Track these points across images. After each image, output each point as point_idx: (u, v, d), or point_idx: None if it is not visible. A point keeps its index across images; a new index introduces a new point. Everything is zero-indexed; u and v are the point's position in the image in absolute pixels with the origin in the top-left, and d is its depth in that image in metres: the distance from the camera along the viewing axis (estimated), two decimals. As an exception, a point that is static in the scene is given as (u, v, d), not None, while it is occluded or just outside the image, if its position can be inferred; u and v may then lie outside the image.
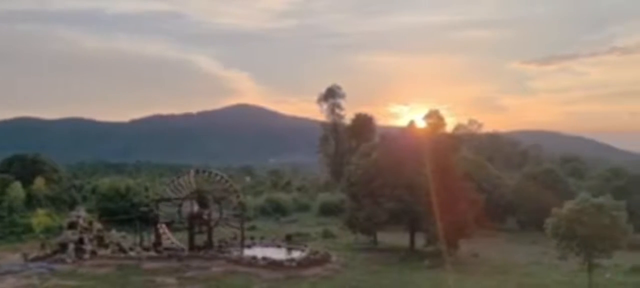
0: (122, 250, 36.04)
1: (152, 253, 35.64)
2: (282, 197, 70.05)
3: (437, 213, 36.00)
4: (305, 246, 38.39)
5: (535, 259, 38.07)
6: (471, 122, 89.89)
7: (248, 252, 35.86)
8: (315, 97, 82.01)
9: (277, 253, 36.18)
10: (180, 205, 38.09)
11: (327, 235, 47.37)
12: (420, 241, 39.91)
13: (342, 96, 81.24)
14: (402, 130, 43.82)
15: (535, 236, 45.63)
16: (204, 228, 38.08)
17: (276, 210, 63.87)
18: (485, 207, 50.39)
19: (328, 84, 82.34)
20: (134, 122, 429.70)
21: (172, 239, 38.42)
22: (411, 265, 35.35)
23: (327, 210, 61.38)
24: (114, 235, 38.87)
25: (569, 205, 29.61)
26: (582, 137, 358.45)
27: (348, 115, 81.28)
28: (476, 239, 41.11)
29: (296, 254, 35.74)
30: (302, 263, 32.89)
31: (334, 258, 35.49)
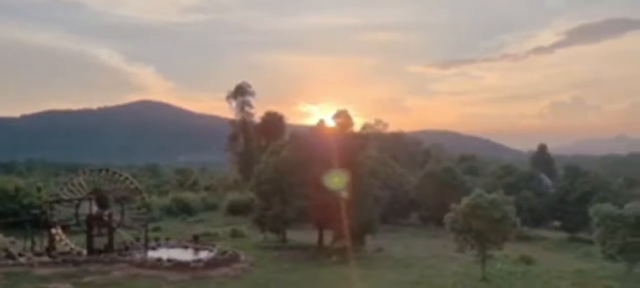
0: (10, 256, 33.07)
1: (45, 258, 33.08)
2: (189, 196, 68.24)
3: (344, 211, 36.85)
4: (213, 246, 37.62)
5: (436, 252, 40.12)
6: (377, 122, 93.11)
7: (152, 254, 34.44)
8: (225, 95, 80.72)
9: (184, 254, 35.09)
10: (77, 207, 35.74)
11: (235, 234, 46.80)
12: (328, 238, 40.66)
13: (252, 94, 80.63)
14: (311, 129, 44.22)
15: (436, 230, 48.19)
16: (104, 230, 36.00)
17: (183, 210, 62.08)
18: (390, 204, 52.59)
19: (238, 81, 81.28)
20: (24, 118, 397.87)
21: (68, 243, 35.94)
22: (319, 261, 35.90)
23: (236, 210, 60.67)
24: (1, 240, 35.60)
25: (465, 201, 31.66)
26: (478, 137, 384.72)
27: (258, 114, 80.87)
28: (381, 234, 42.60)
29: (203, 254, 34.90)
30: (209, 264, 32.20)
31: (242, 257, 35.10)
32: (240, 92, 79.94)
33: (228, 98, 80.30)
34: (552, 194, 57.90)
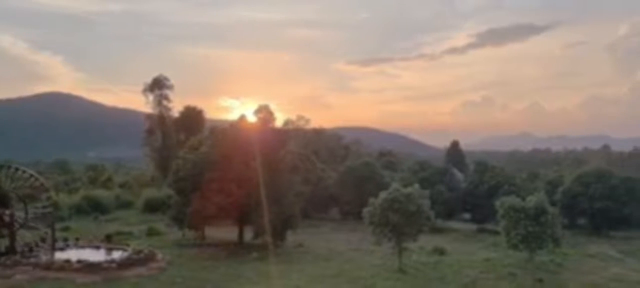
0: None
1: (-64, 263, 30.20)
2: (102, 194, 64.92)
3: (265, 206, 36.72)
4: (128, 245, 36.13)
5: (355, 246, 41.00)
6: (299, 117, 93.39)
7: (60, 256, 32.47)
8: (141, 88, 77.50)
9: (95, 255, 33.41)
10: (-26, 206, 32.90)
11: (152, 232, 45.20)
12: (249, 234, 40.32)
13: (170, 87, 77.97)
14: (232, 124, 43.58)
15: (356, 224, 49.20)
16: (5, 231, 33.43)
17: (95, 209, 58.95)
18: (310, 199, 53.01)
19: (155, 74, 78.39)
20: None
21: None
22: (239, 258, 35.54)
23: (153, 207, 58.59)
24: None
25: (383, 195, 32.60)
26: (396, 133, 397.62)
27: (176, 108, 78.46)
28: (302, 230, 42.86)
29: (117, 255, 33.38)
30: (123, 264, 30.85)
31: (159, 256, 33.97)
32: (158, 85, 77.07)
33: (144, 91, 77.18)
34: (463, 188, 61.01)
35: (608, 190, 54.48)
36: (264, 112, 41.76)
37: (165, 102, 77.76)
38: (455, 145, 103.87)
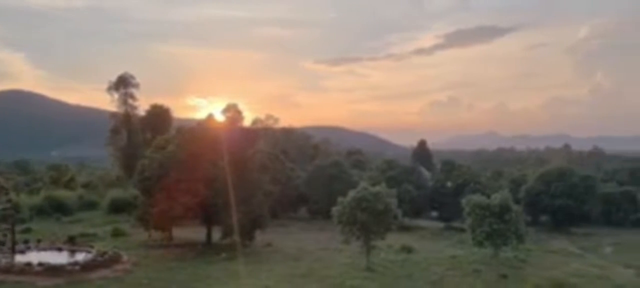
0: None
1: None
2: (65, 194, 63.19)
3: (233, 206, 36.43)
4: (92, 247, 35.29)
5: (324, 245, 41.10)
6: (268, 117, 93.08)
7: (21, 258, 31.49)
8: (105, 86, 75.70)
9: (58, 257, 32.54)
10: None
11: (117, 233, 44.25)
12: (217, 234, 39.94)
13: (136, 85, 76.21)
14: (199, 123, 43.08)
15: (324, 224, 49.33)
16: (-38, 233, 32.24)
17: (57, 210, 57.32)
18: (279, 198, 52.89)
19: (120, 71, 76.60)
20: None
21: None
22: (208, 258, 35.17)
23: (118, 207, 57.33)
24: None
25: (351, 194, 32.80)
26: (365, 132, 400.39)
27: (143, 106, 76.86)
28: (271, 229, 42.71)
29: (80, 256, 32.58)
30: (87, 266, 30.13)
31: (124, 257, 33.32)
32: (123, 83, 75.33)
33: (109, 89, 75.31)
34: (430, 187, 61.96)
35: (568, 188, 56.28)
36: (232, 111, 41.45)
37: (130, 101, 76.06)
38: (422, 144, 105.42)
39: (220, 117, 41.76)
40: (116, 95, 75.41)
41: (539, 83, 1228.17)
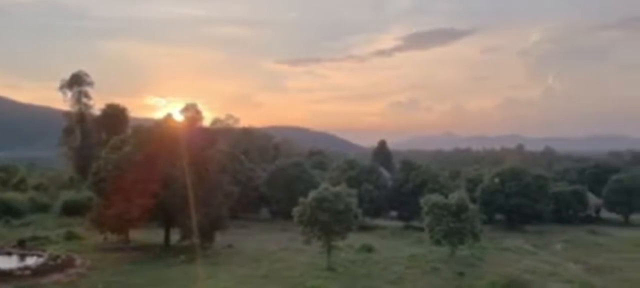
0: None
1: None
2: (14, 196, 60.65)
3: (192, 207, 35.89)
4: (44, 251, 34.07)
5: (285, 246, 40.95)
6: (228, 116, 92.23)
7: (-34, 264, 30.11)
8: (58, 84, 73.29)
9: (7, 262, 31.36)
10: None
11: (71, 237, 42.80)
12: (176, 236, 39.23)
13: (90, 84, 74.31)
14: (157, 122, 42.22)
15: (286, 224, 49.18)
16: None
17: (6, 212, 54.93)
18: (240, 199, 52.36)
19: (74, 69, 74.31)
20: None
21: None
22: (166, 261, 34.52)
23: (72, 210, 55.42)
24: None
25: (312, 194, 32.91)
26: (326, 133, 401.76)
27: (98, 105, 74.90)
28: (231, 230, 42.29)
29: (31, 261, 31.42)
30: (38, 271, 29.07)
31: (78, 261, 32.36)
32: (77, 82, 73.21)
33: (62, 88, 73.09)
34: (390, 187, 62.73)
35: (522, 187, 58.09)
36: (192, 111, 40.89)
37: (85, 100, 74.09)
38: (382, 144, 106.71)
39: (179, 117, 41.13)
40: (69, 94, 73.44)
41: (494, 85, 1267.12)
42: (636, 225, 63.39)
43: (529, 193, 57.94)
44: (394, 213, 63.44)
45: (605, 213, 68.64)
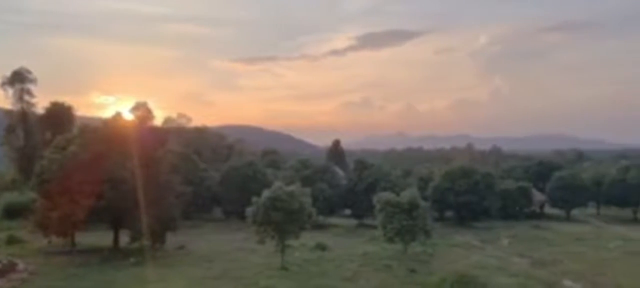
0: None
1: None
2: (-49, 199, 57.47)
3: (142, 209, 35.04)
4: (-18, 256, 32.44)
5: (239, 246, 40.62)
6: (180, 116, 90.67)
7: None
8: (-1, 81, 69.89)
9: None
10: None
11: (12, 240, 40.89)
12: (125, 239, 38.16)
13: (33, 81, 71.10)
14: (105, 121, 40.95)
15: (239, 224, 48.80)
16: None
17: (-58, 217, 52.02)
18: (192, 199, 51.55)
19: (15, 66, 71.07)
20: None
21: None
22: (115, 264, 33.55)
23: (14, 212, 52.94)
24: None
25: (266, 193, 32.74)
26: (280, 132, 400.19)
27: (41, 103, 71.87)
28: (183, 231, 41.60)
29: (-31, 267, 29.86)
30: (-24, 277, 27.68)
31: (20, 266, 31.02)
32: (19, 79, 69.95)
33: (3, 85, 69.75)
34: (344, 185, 63.24)
35: (471, 185, 59.83)
36: (142, 110, 40.04)
37: (27, 97, 70.85)
38: (336, 144, 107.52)
39: (128, 116, 40.13)
40: (11, 91, 70.14)
41: (445, 85, 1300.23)
42: (577, 220, 66.51)
43: (477, 190, 59.75)
44: (347, 211, 63.99)
45: (548, 209, 71.72)
